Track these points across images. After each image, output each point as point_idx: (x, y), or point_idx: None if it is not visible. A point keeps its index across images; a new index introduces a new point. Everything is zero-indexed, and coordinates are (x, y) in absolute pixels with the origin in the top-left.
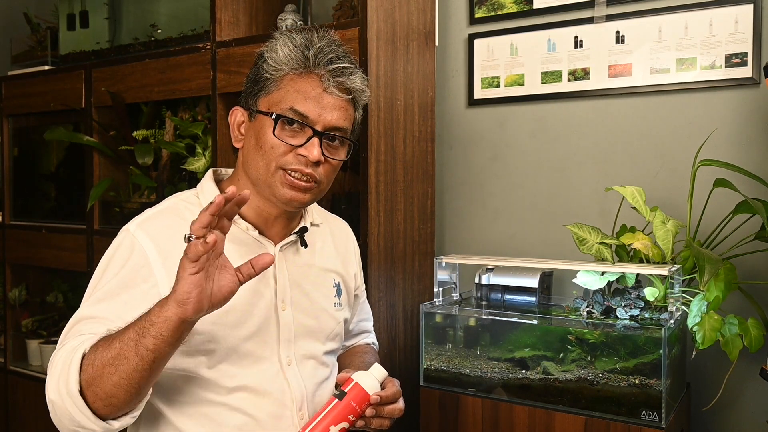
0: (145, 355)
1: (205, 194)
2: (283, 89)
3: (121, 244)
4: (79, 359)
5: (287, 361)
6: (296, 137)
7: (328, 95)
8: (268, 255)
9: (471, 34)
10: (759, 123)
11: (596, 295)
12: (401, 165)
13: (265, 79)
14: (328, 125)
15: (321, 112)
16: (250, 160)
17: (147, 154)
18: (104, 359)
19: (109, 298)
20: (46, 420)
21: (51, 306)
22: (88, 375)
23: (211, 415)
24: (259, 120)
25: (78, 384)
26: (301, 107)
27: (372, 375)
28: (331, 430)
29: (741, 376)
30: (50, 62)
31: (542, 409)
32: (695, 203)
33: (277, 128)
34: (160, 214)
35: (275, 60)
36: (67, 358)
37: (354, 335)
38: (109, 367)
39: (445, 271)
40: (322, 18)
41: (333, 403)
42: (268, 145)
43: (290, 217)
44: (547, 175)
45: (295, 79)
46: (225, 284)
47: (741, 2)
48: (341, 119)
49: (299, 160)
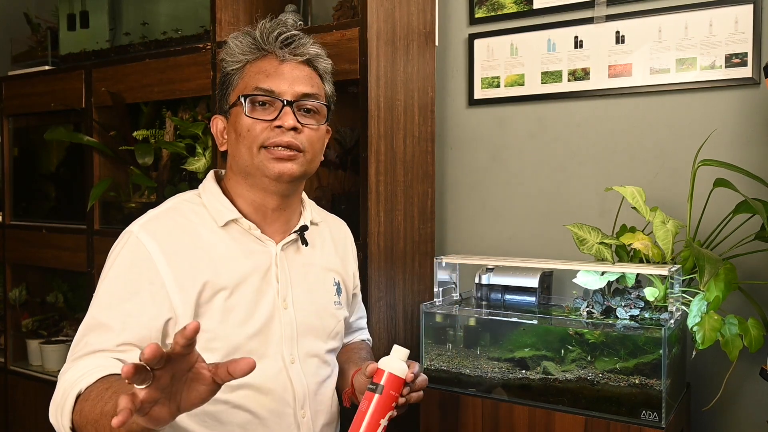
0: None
1: (208, 194)
2: (246, 77)
3: (125, 245)
4: (73, 399)
5: (290, 359)
6: (268, 112)
7: (286, 65)
8: (247, 362)
9: (471, 34)
10: (759, 123)
11: (596, 295)
12: (401, 165)
13: (229, 75)
14: (295, 94)
15: (284, 83)
16: (235, 153)
17: (147, 154)
18: (90, 415)
19: (116, 303)
20: (46, 420)
21: (51, 306)
22: (77, 420)
23: (213, 413)
24: (233, 113)
25: (70, 422)
26: (264, 84)
27: (397, 358)
28: (381, 423)
29: (741, 376)
30: (50, 62)
31: (542, 409)
32: (695, 203)
33: (248, 109)
34: (164, 214)
35: (231, 54)
36: (66, 391)
37: (351, 332)
38: (91, 427)
39: (445, 271)
40: (322, 18)
41: (374, 399)
42: (245, 129)
43: (288, 209)
44: (547, 175)
45: (254, 63)
46: (195, 396)
47: (741, 2)
48: (307, 86)
49: (276, 132)
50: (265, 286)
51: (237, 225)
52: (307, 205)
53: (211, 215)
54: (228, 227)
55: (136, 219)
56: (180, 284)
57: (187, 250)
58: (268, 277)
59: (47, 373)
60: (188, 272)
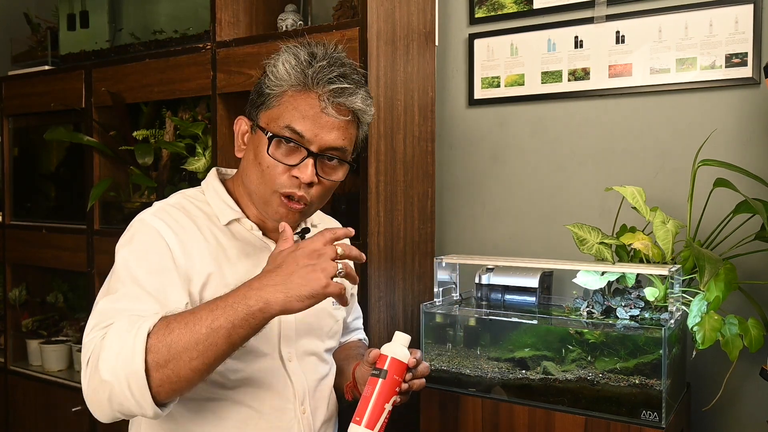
0: (237, 343)
1: (211, 192)
2: (282, 106)
3: (140, 230)
4: (144, 339)
5: (288, 357)
6: (291, 156)
7: (326, 116)
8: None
9: (471, 34)
10: (759, 123)
11: (596, 295)
12: (401, 165)
13: (267, 94)
14: (324, 146)
15: (317, 132)
16: (248, 173)
17: (147, 154)
18: (185, 343)
19: (145, 276)
20: (46, 420)
21: (51, 306)
22: (161, 357)
23: (214, 409)
24: (259, 135)
25: (144, 364)
26: (298, 126)
27: (399, 344)
28: (386, 408)
29: (741, 376)
30: (50, 62)
31: (542, 409)
32: (695, 203)
33: (272, 147)
34: (171, 207)
35: (276, 75)
36: (127, 337)
37: (348, 332)
38: (192, 352)
39: (445, 271)
40: (322, 18)
41: (378, 384)
42: (264, 164)
43: None
44: (547, 175)
45: (295, 96)
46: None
47: (741, 2)
48: (339, 139)
49: (293, 181)
50: None
51: (239, 225)
52: None
53: (214, 213)
54: (230, 226)
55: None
56: (190, 272)
57: (195, 241)
58: None
59: (47, 373)
60: (197, 262)
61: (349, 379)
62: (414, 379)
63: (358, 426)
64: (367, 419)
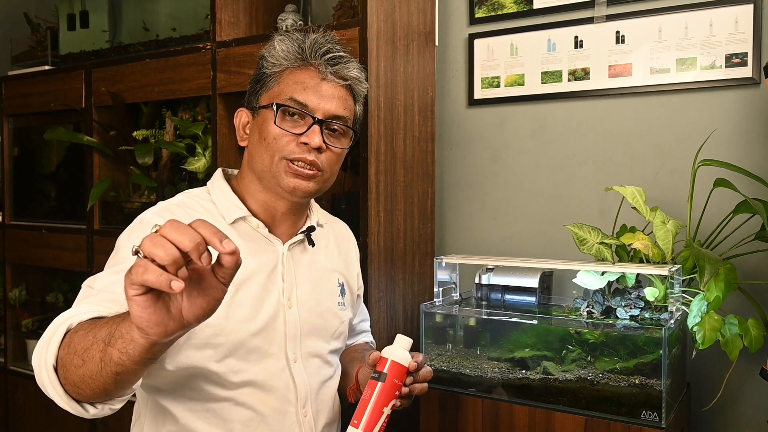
0: (109, 366)
1: (217, 191)
2: (282, 82)
3: (140, 228)
4: (62, 333)
5: (293, 357)
6: (297, 126)
7: (326, 83)
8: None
9: (471, 34)
10: (759, 123)
11: (596, 295)
12: (401, 165)
13: (266, 76)
14: (327, 113)
15: (320, 100)
16: (254, 155)
17: (147, 154)
18: (78, 347)
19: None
20: (46, 420)
21: (51, 306)
22: (62, 356)
23: (216, 410)
24: (262, 115)
25: (55, 359)
26: (301, 96)
27: (400, 347)
28: (385, 411)
29: (741, 376)
30: (50, 62)
31: (542, 409)
32: (695, 203)
33: (278, 118)
34: (176, 207)
35: (274, 56)
36: (56, 328)
37: (355, 335)
38: (77, 359)
39: (445, 271)
40: (322, 18)
41: (377, 387)
42: (271, 137)
43: (297, 214)
44: (547, 175)
45: (294, 71)
46: (205, 301)
47: (741, 2)
48: (340, 108)
49: (301, 148)
50: (270, 284)
51: (245, 223)
52: (313, 208)
53: (219, 212)
54: (236, 225)
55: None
56: None
57: None
58: (274, 275)
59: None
60: None
61: (353, 381)
62: (415, 383)
63: (356, 429)
64: (365, 423)
